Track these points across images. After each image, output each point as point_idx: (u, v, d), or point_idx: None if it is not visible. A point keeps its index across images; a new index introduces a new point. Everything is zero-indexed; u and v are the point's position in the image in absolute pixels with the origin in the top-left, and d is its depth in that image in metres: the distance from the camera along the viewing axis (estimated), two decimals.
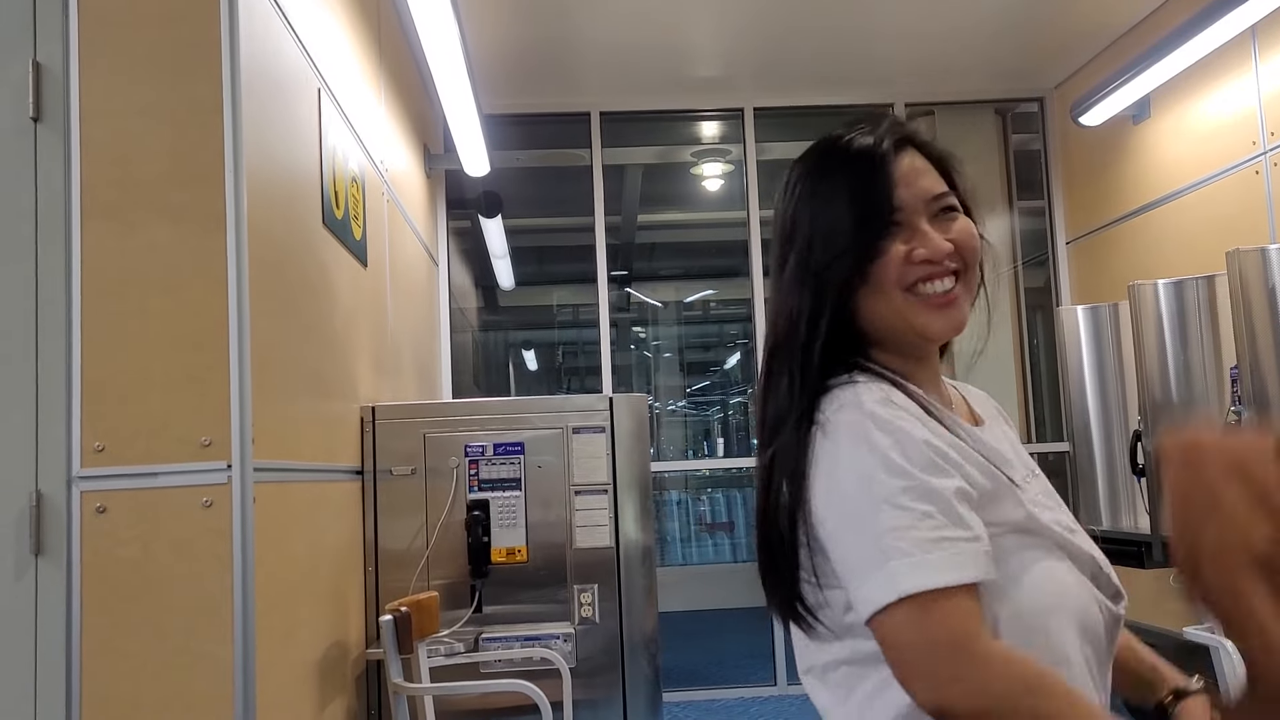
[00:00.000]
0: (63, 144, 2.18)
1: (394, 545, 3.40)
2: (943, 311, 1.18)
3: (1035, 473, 1.26)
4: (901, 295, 1.17)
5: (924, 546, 1.02)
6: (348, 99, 3.31)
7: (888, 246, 1.17)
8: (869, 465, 1.07)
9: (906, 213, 1.18)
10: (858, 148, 1.21)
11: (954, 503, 1.05)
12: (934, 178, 1.22)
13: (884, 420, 1.09)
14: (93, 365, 2.15)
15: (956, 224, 1.21)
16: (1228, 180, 4.41)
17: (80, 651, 2.10)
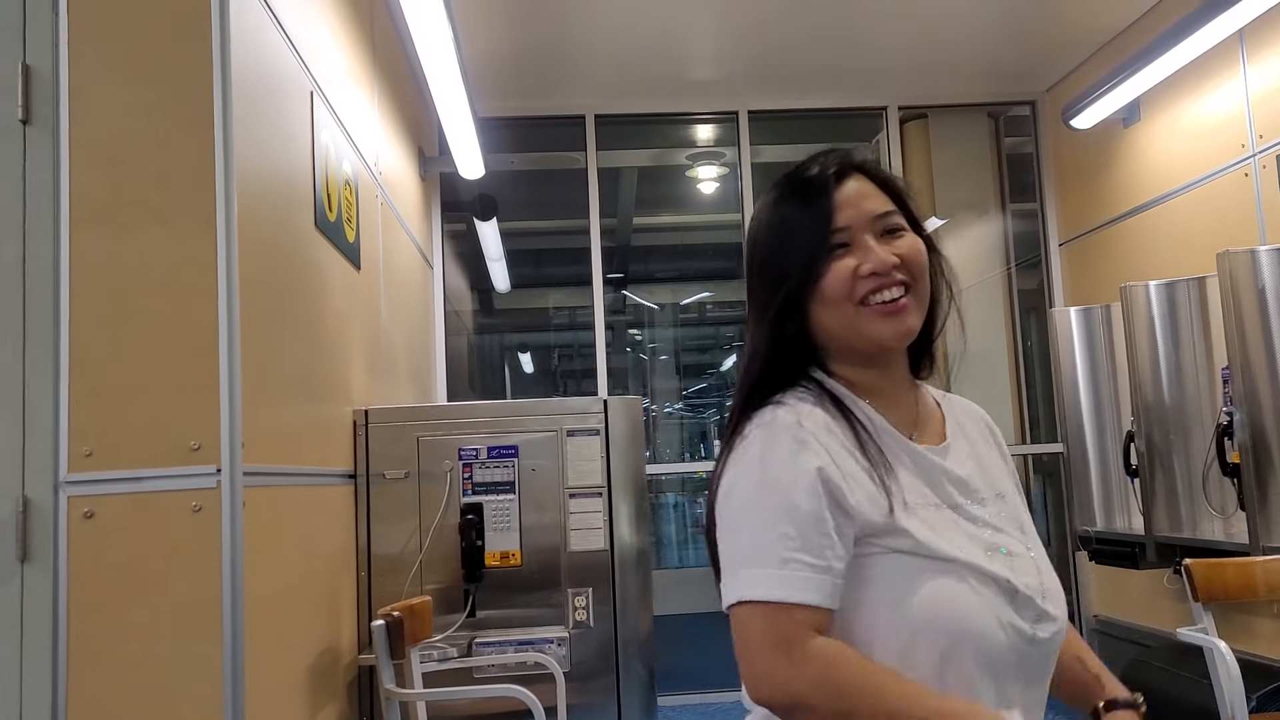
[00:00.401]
0: (52, 146, 2.17)
1: (387, 549, 3.39)
2: (891, 319, 1.27)
3: (1003, 494, 1.33)
4: (852, 307, 1.27)
5: (774, 562, 1.16)
6: (340, 101, 3.30)
7: (835, 264, 1.27)
8: (756, 480, 1.21)
9: (853, 231, 1.28)
10: (804, 178, 1.32)
11: (816, 531, 1.16)
12: (880, 200, 1.31)
13: (782, 443, 1.21)
14: (80, 369, 2.14)
15: (903, 240, 1.30)
16: (1217, 182, 4.42)
17: (67, 658, 2.09)
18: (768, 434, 1.23)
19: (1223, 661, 2.52)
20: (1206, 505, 4.03)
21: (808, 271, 1.27)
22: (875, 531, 1.19)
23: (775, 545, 1.16)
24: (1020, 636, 1.19)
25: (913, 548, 1.18)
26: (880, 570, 1.19)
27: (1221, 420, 3.75)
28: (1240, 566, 2.73)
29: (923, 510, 1.23)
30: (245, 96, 2.33)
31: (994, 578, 1.19)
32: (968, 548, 1.21)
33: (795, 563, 1.15)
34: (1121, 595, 5.34)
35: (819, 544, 1.16)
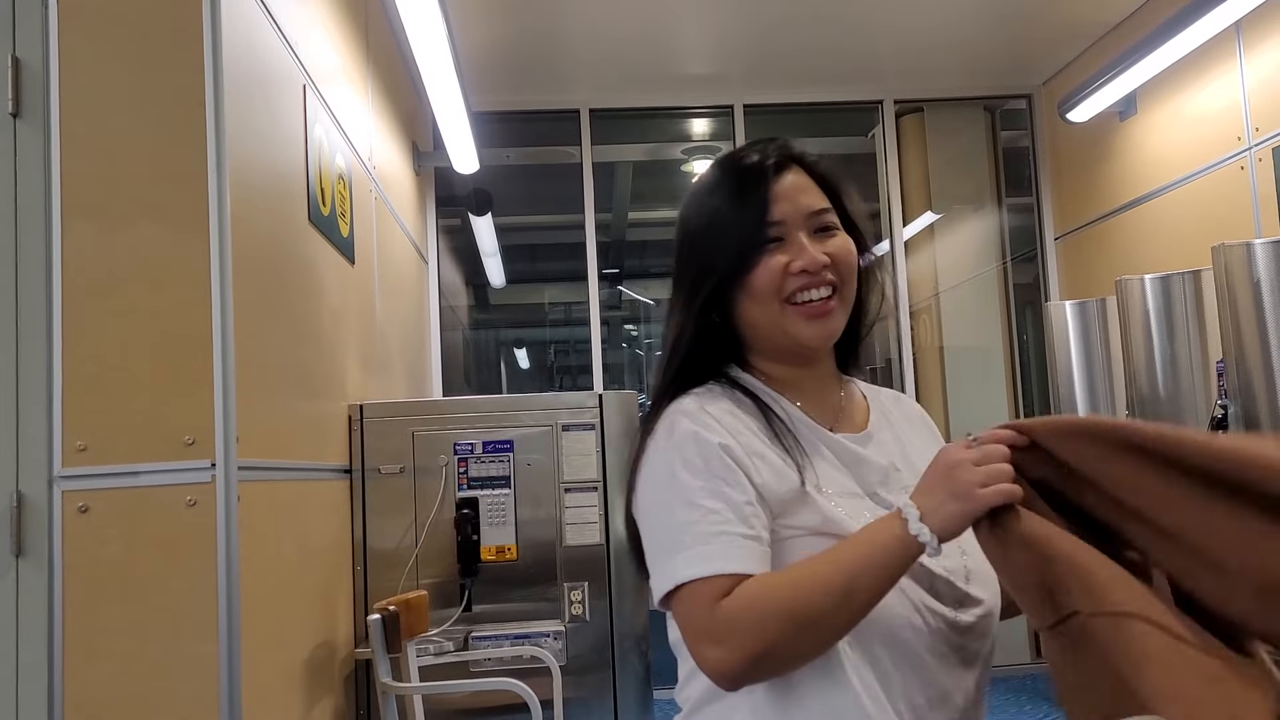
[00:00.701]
0: (43, 140, 2.16)
1: (382, 544, 3.39)
2: (817, 320, 1.27)
3: None
4: (779, 304, 1.26)
5: (704, 539, 1.14)
6: (334, 95, 3.29)
7: (766, 258, 1.26)
8: (672, 466, 1.20)
9: (786, 226, 1.27)
10: (742, 165, 1.30)
11: (740, 502, 1.16)
12: (816, 195, 1.30)
13: (689, 428, 1.21)
14: (74, 363, 2.13)
15: (835, 240, 1.29)
16: (1213, 175, 4.42)
17: (62, 653, 2.08)
18: (672, 423, 1.23)
19: None
20: None
21: (738, 264, 1.26)
22: (786, 510, 1.18)
23: (701, 524, 1.15)
24: (940, 620, 1.17)
25: (821, 525, 1.17)
26: (794, 553, 1.17)
27: (1216, 413, 3.75)
28: None
29: (838, 497, 1.22)
30: (237, 89, 2.33)
31: None
32: None
33: (725, 535, 1.14)
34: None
35: (745, 512, 1.15)
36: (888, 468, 1.29)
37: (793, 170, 1.30)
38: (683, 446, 1.20)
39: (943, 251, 6.03)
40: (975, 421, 5.79)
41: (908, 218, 5.92)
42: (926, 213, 5.98)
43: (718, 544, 1.13)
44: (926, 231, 6.03)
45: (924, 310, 5.93)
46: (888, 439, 1.34)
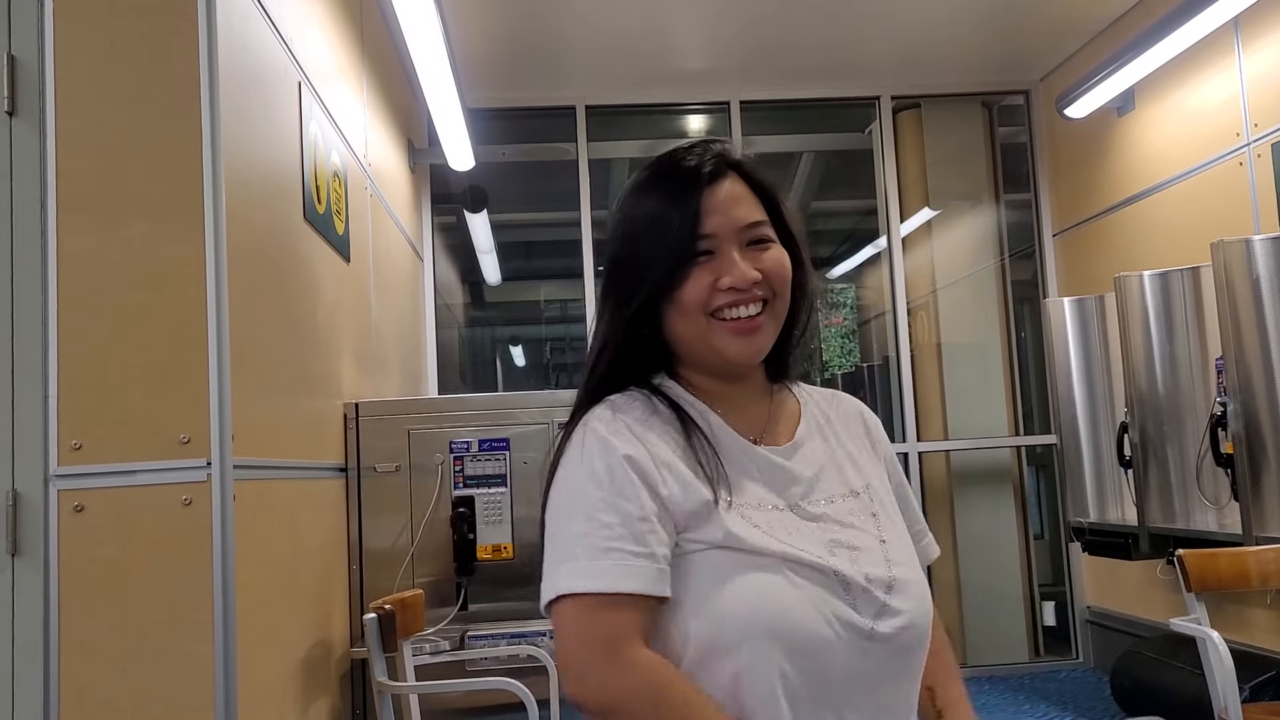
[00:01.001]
0: (38, 137, 2.15)
1: (378, 543, 3.38)
2: (744, 337, 1.24)
3: (864, 488, 1.30)
4: (705, 319, 1.24)
5: (593, 554, 1.13)
6: (329, 92, 3.28)
7: (695, 272, 1.23)
8: (578, 475, 1.19)
9: (717, 240, 1.24)
10: (677, 171, 1.27)
11: (635, 518, 1.14)
12: (751, 206, 1.27)
13: (598, 438, 1.20)
14: (69, 362, 2.12)
15: (768, 254, 1.26)
16: (1212, 172, 4.41)
17: (58, 652, 2.07)
18: (584, 432, 1.22)
19: (1215, 651, 2.52)
20: (1200, 496, 4.03)
21: (667, 277, 1.23)
22: (691, 524, 1.17)
23: (594, 536, 1.14)
24: (854, 632, 1.14)
25: (725, 540, 1.15)
26: (696, 567, 1.16)
27: (1215, 411, 3.74)
28: (1233, 556, 2.73)
29: (755, 511, 1.20)
30: (232, 87, 2.31)
31: (821, 570, 1.16)
32: (799, 543, 1.18)
33: (616, 551, 1.13)
34: (1115, 586, 5.35)
35: (640, 529, 1.14)
36: (812, 478, 1.27)
37: (729, 179, 1.27)
38: (590, 457, 1.19)
39: (940, 248, 6.03)
40: (973, 418, 5.79)
41: (905, 214, 5.91)
42: (924, 209, 5.97)
43: (606, 560, 1.13)
44: (924, 228, 6.02)
45: (921, 307, 5.93)
46: (816, 447, 1.32)
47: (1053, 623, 5.84)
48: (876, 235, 6.12)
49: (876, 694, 1.16)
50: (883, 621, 1.16)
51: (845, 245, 7.10)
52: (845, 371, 6.46)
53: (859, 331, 6.53)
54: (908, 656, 1.20)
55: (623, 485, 1.16)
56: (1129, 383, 4.29)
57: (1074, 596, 5.74)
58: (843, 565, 1.17)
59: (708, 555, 1.16)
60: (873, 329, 6.52)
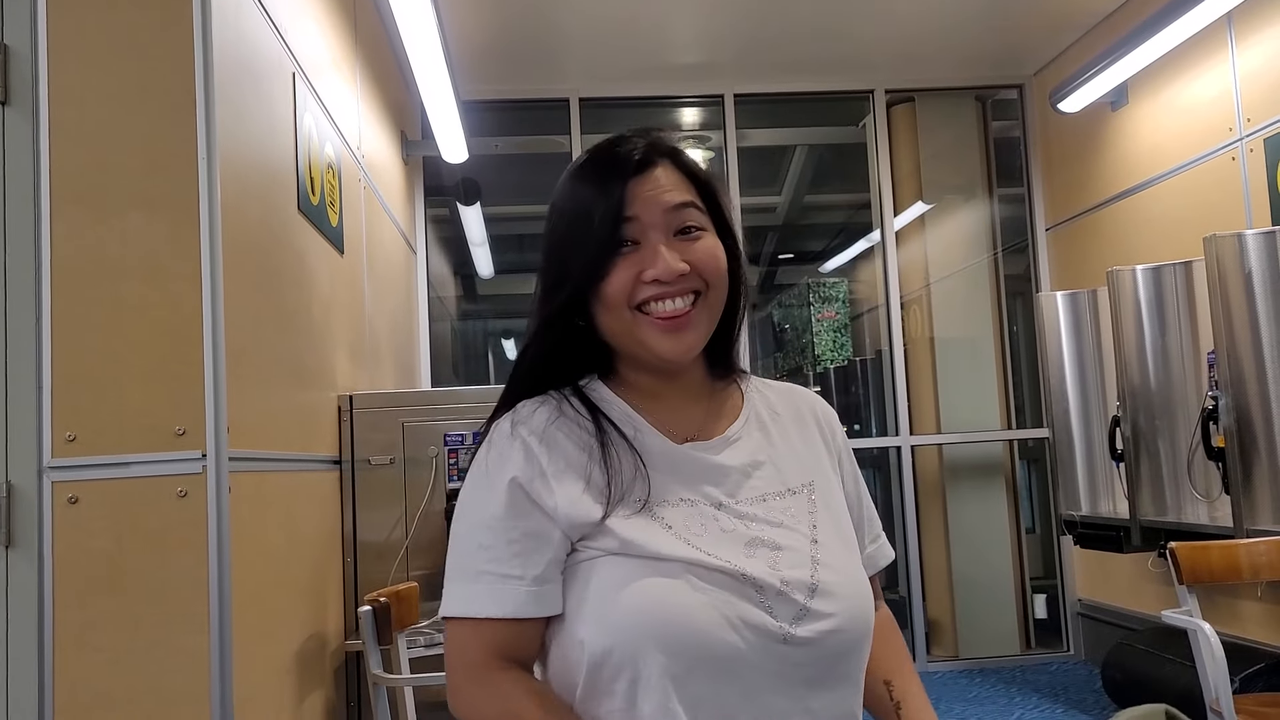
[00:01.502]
0: (31, 128, 2.14)
1: (373, 536, 3.38)
2: (672, 333, 1.20)
3: (804, 486, 1.25)
4: (630, 313, 1.19)
5: (470, 576, 1.16)
6: (323, 84, 3.27)
7: (618, 264, 1.18)
8: (467, 494, 1.20)
9: (642, 229, 1.19)
10: (604, 160, 1.22)
11: (505, 540, 1.15)
12: (681, 193, 1.22)
13: (488, 457, 1.20)
14: (64, 354, 2.11)
15: (699, 244, 1.21)
16: (1205, 166, 4.42)
17: (53, 645, 2.07)
18: (486, 446, 1.22)
19: (1206, 643, 2.53)
20: (1191, 489, 4.05)
21: (591, 270, 1.19)
22: (587, 533, 1.15)
23: (472, 558, 1.16)
24: (765, 636, 1.10)
25: (622, 547, 1.13)
26: (593, 574, 1.14)
27: (1207, 405, 3.76)
28: (1224, 549, 2.75)
29: (672, 510, 1.17)
30: (227, 78, 2.31)
31: (728, 573, 1.12)
32: (710, 545, 1.14)
33: (486, 575, 1.15)
34: (1107, 579, 5.37)
35: (507, 552, 1.14)
36: (742, 474, 1.23)
37: (661, 167, 1.22)
38: (478, 475, 1.20)
39: (933, 242, 6.03)
40: (965, 412, 5.81)
41: (898, 208, 5.92)
42: (917, 203, 5.98)
43: (478, 585, 1.15)
44: (917, 222, 6.03)
45: (914, 301, 5.94)
46: (754, 442, 1.27)
47: (1044, 615, 5.86)
48: (870, 229, 6.12)
49: (803, 700, 1.12)
50: (803, 626, 1.12)
51: (838, 239, 7.10)
52: (838, 365, 6.47)
53: (852, 325, 6.54)
54: (837, 661, 1.15)
55: (503, 506, 1.16)
56: (1121, 376, 4.30)
57: (1065, 589, 5.76)
58: (756, 568, 1.13)
59: (604, 562, 1.14)
60: (865, 323, 6.53)
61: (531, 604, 1.14)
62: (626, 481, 1.18)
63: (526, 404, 1.24)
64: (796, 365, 6.73)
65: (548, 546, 1.15)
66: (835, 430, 1.37)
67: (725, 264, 1.23)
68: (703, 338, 1.23)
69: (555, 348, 1.26)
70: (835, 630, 1.13)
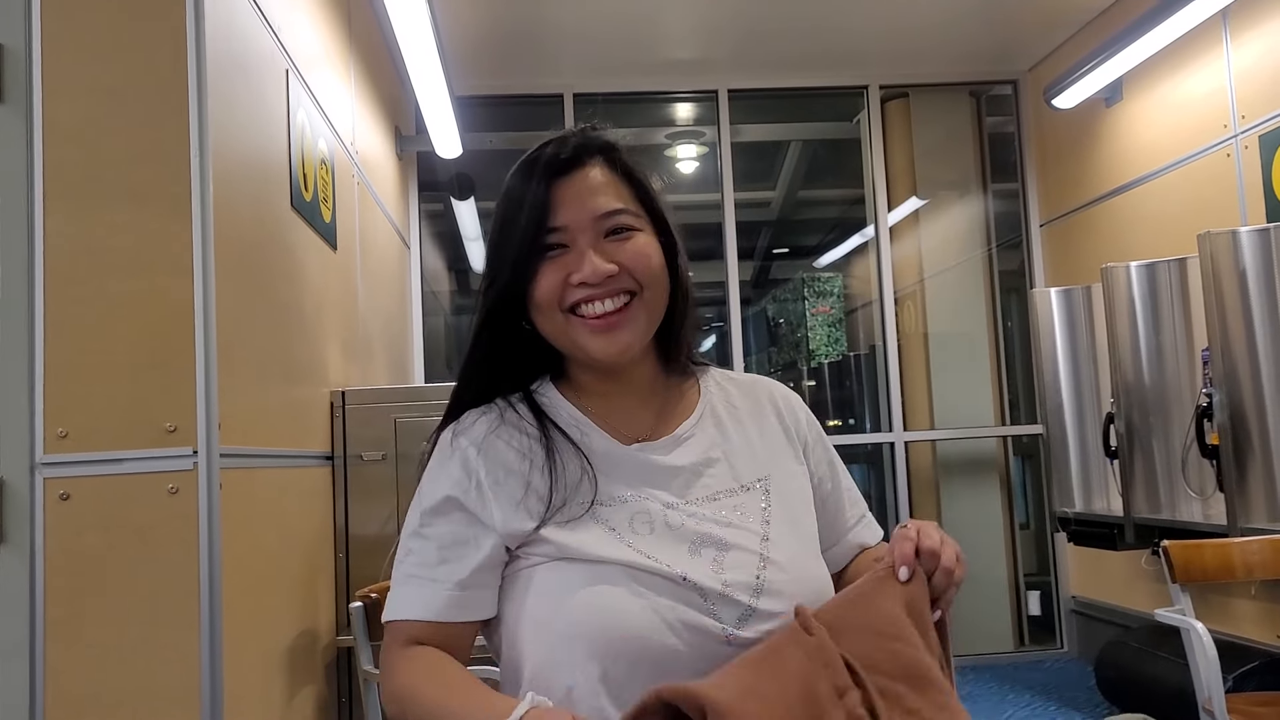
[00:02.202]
0: (25, 124, 2.13)
1: (365, 532, 3.37)
2: (604, 333, 1.19)
3: (747, 486, 1.24)
4: (563, 316, 1.20)
5: (400, 580, 1.19)
6: (316, 80, 3.26)
7: (545, 268, 1.19)
8: (413, 502, 1.24)
9: (570, 232, 1.19)
10: (535, 162, 1.22)
11: (441, 547, 1.18)
12: (612, 195, 1.22)
13: (433, 463, 1.24)
14: (56, 349, 2.10)
15: (629, 244, 1.21)
16: (1200, 163, 4.42)
17: (43, 641, 2.06)
18: (432, 453, 1.25)
19: (1199, 641, 2.53)
20: (1185, 487, 4.05)
21: (519, 272, 1.19)
22: (525, 541, 1.16)
23: (403, 564, 1.20)
24: (707, 637, 1.10)
25: (560, 552, 1.14)
26: (535, 581, 1.15)
27: (1201, 402, 3.76)
28: (1218, 547, 2.75)
29: (616, 511, 1.18)
30: (220, 74, 2.30)
31: (668, 577, 1.12)
32: (652, 548, 1.14)
33: (414, 579, 1.18)
34: (1100, 577, 5.38)
35: (435, 558, 1.18)
36: (692, 473, 1.23)
37: (592, 166, 1.23)
38: (424, 482, 1.23)
39: (928, 238, 6.04)
40: (959, 408, 5.81)
41: (893, 203, 5.92)
42: (911, 198, 5.98)
43: (408, 587, 1.18)
44: (911, 218, 6.03)
45: (909, 297, 5.94)
46: (706, 439, 1.27)
47: (1038, 612, 5.87)
48: (864, 224, 6.12)
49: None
50: (748, 626, 1.11)
51: (833, 234, 7.10)
52: (832, 360, 6.47)
53: (846, 321, 6.54)
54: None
55: (435, 515, 1.19)
56: (1115, 373, 4.31)
57: (1059, 586, 5.77)
58: (698, 570, 1.13)
59: (544, 569, 1.15)
60: (859, 318, 6.53)
61: (454, 608, 1.17)
62: (571, 485, 1.18)
63: (470, 414, 1.26)
64: (791, 360, 6.73)
65: (476, 552, 1.17)
66: (799, 415, 1.37)
67: (659, 262, 1.23)
68: (640, 337, 1.22)
69: (497, 350, 1.27)
70: (783, 628, 1.11)
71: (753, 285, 7.28)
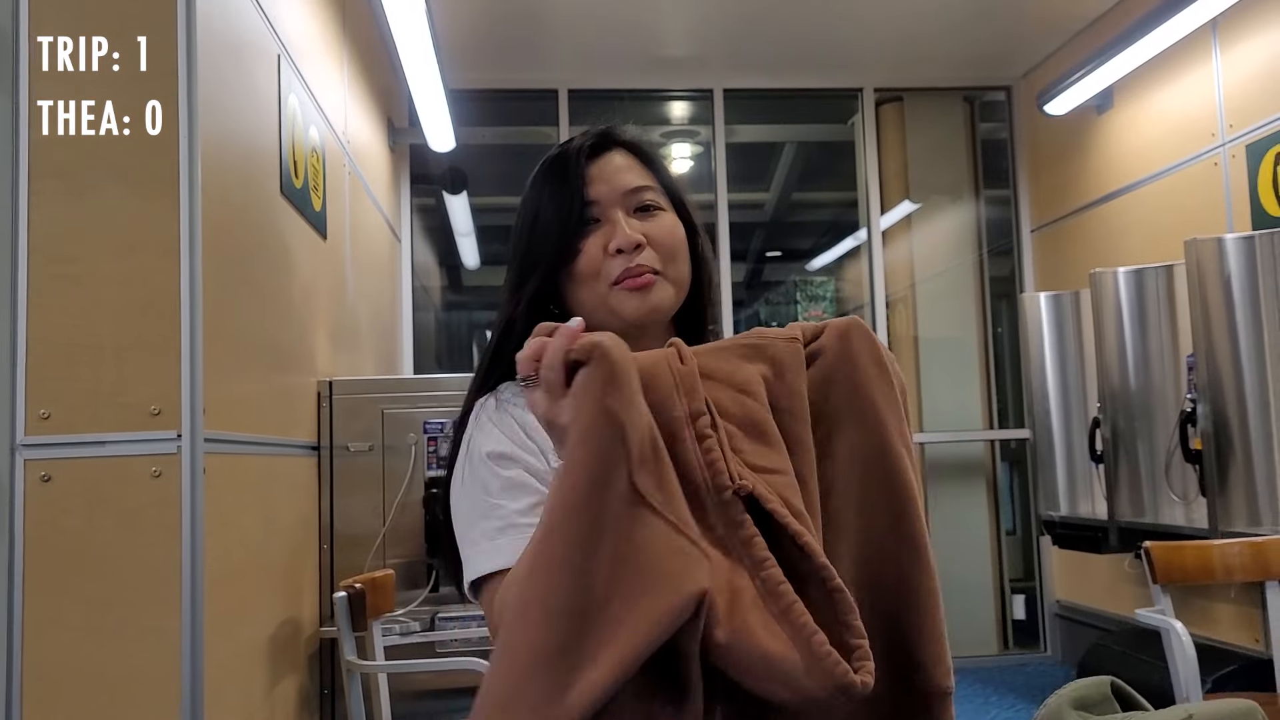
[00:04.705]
0: (10, 105, 2.12)
1: (350, 523, 3.36)
2: (637, 294, 1.25)
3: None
4: (605, 288, 1.26)
5: (491, 534, 1.16)
6: (309, 67, 3.25)
7: (586, 243, 1.26)
8: (468, 463, 1.22)
9: (603, 206, 1.27)
10: (562, 152, 1.30)
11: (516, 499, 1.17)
12: (637, 174, 1.30)
13: (481, 427, 1.23)
14: (39, 330, 2.10)
15: (656, 220, 1.29)
16: (1187, 171, 4.44)
17: (22, 624, 2.05)
18: (474, 423, 1.25)
19: (1178, 641, 2.54)
20: (1169, 491, 4.07)
21: (562, 248, 1.26)
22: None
23: (492, 519, 1.17)
24: None
25: None
26: None
27: (1185, 407, 3.78)
28: (1199, 549, 2.76)
29: None
30: (210, 57, 2.29)
31: None
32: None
33: (514, 528, 1.16)
34: (1084, 580, 5.39)
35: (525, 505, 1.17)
36: None
37: (615, 151, 1.31)
38: (473, 446, 1.22)
39: (920, 242, 6.05)
40: (948, 411, 5.82)
41: (885, 207, 5.93)
42: (904, 202, 5.99)
43: (504, 539, 1.15)
44: (904, 222, 6.04)
45: (900, 301, 5.95)
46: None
47: (1023, 616, 5.88)
48: (857, 227, 6.13)
49: None
50: None
51: (825, 237, 7.11)
52: None
53: None
54: None
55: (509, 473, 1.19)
56: (1102, 378, 4.32)
57: (1044, 590, 5.78)
58: None
59: None
60: None
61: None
62: None
63: (509, 385, 1.28)
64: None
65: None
66: None
67: (683, 241, 1.30)
68: (665, 301, 1.28)
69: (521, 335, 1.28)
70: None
71: (745, 287, 7.28)
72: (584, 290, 1.27)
